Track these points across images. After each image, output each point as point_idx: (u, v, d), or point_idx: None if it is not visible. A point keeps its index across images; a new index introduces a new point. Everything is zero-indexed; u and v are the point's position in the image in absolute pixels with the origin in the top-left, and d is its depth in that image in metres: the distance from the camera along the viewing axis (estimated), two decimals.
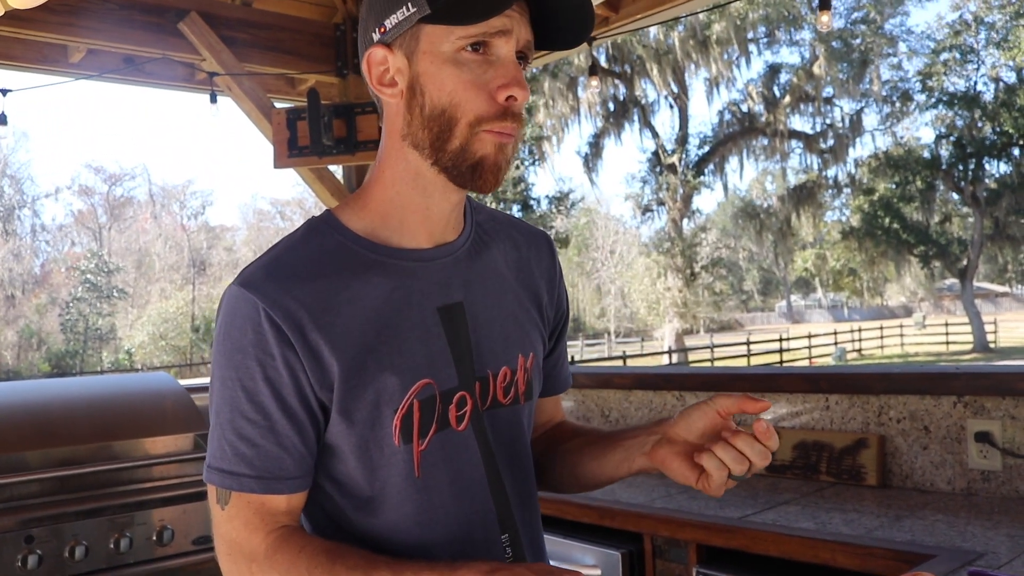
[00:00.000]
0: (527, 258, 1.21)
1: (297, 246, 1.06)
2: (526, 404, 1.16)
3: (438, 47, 0.98)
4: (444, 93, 0.99)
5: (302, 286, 1.01)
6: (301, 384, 1.00)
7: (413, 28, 0.99)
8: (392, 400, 1.02)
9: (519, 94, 0.99)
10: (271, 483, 1.00)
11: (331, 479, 1.06)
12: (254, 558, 1.00)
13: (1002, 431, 2.13)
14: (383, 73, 1.03)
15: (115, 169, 55.38)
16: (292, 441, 1.01)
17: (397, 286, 1.05)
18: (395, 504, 1.05)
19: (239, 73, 3.80)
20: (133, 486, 2.75)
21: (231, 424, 1.00)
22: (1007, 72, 26.46)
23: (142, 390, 3.12)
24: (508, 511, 1.12)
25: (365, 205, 1.09)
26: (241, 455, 1.00)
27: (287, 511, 1.02)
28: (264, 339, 0.99)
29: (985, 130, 26.30)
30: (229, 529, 1.01)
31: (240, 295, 1.00)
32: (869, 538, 1.82)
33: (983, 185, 26.51)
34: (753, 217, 29.44)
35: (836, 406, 2.45)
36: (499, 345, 1.12)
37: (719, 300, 34.33)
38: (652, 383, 2.92)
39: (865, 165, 27.73)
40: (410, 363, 1.03)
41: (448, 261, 1.10)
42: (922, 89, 27.63)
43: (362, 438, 1.02)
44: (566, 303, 1.29)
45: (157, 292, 41.41)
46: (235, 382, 1.00)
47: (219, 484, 1.01)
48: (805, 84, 26.07)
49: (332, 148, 3.71)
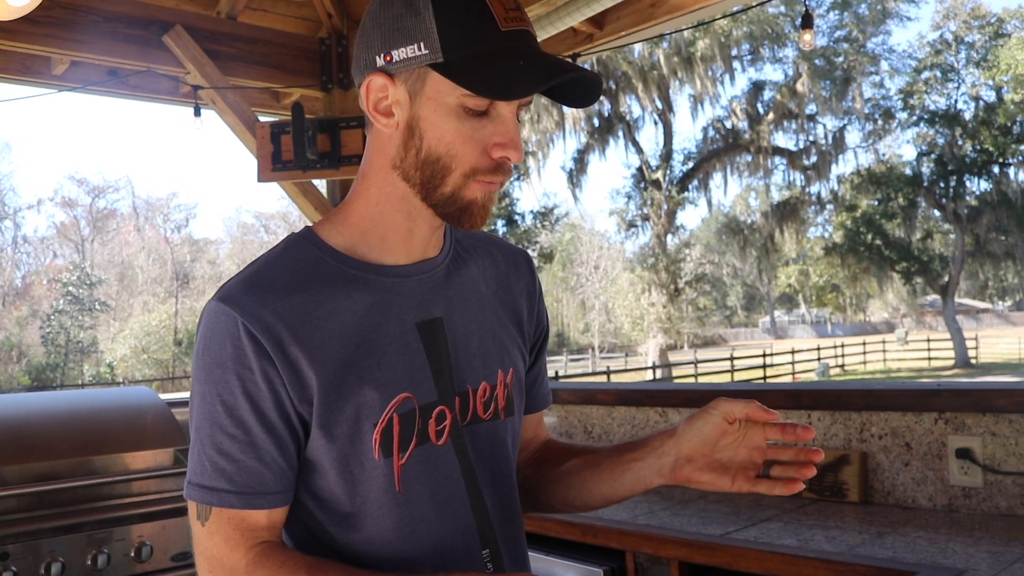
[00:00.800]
0: (506, 275, 1.22)
1: (276, 261, 1.06)
2: (507, 420, 1.16)
3: (442, 97, 0.98)
4: (442, 144, 1.00)
5: (281, 300, 1.01)
6: (281, 398, 1.00)
7: (420, 69, 0.99)
8: (372, 414, 1.02)
9: (514, 156, 1.01)
10: (251, 498, 1.00)
11: (312, 495, 1.06)
12: (235, 574, 1.00)
13: (983, 448, 2.14)
14: (380, 100, 1.02)
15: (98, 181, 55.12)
16: (272, 456, 1.01)
17: (376, 301, 1.06)
18: (376, 518, 1.04)
19: (223, 87, 3.79)
20: (112, 501, 2.72)
21: (211, 439, 1.00)
22: (987, 91, 26.80)
23: (122, 404, 3.09)
24: (489, 526, 1.12)
25: (345, 220, 1.09)
26: (221, 470, 1.00)
27: (268, 526, 1.02)
28: (243, 353, 0.99)
29: (966, 148, 26.60)
30: (210, 545, 1.01)
31: (219, 310, 1.01)
32: (851, 555, 1.82)
33: (964, 202, 26.78)
34: (737, 233, 29.60)
35: (818, 422, 2.46)
36: (478, 360, 1.13)
37: (703, 316, 34.41)
38: (635, 399, 2.92)
39: (848, 182, 27.95)
40: (389, 377, 1.04)
41: (427, 277, 1.10)
42: (904, 107, 27.94)
43: (342, 453, 1.02)
44: (546, 320, 1.30)
45: (140, 305, 41.13)
46: (214, 397, 1.00)
47: (199, 500, 1.01)
48: (788, 101, 26.30)
49: (316, 162, 3.70)
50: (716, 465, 1.09)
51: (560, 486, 1.25)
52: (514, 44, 0.97)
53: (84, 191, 47.46)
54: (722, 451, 1.10)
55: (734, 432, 1.08)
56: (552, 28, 3.61)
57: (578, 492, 1.22)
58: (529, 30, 1.00)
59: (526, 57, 0.97)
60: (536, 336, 1.27)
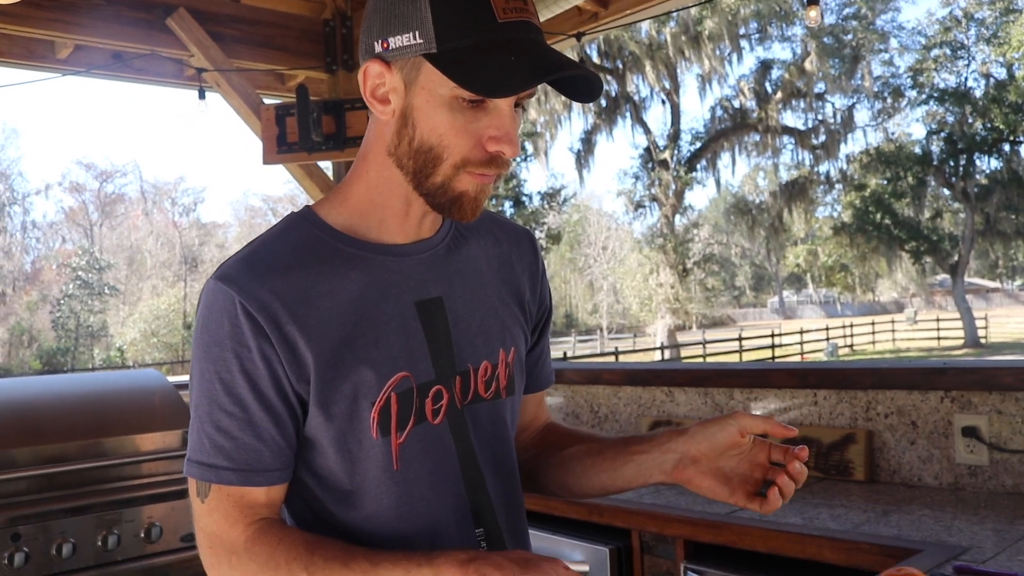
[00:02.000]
0: (508, 254, 1.21)
1: (275, 240, 1.07)
2: (508, 399, 1.16)
3: (436, 88, 0.97)
4: (435, 134, 0.99)
5: (278, 279, 1.02)
6: (278, 376, 1.00)
7: (415, 59, 0.97)
8: (369, 393, 1.03)
9: (508, 151, 0.99)
10: (249, 475, 1.01)
11: (311, 473, 1.06)
12: (233, 550, 1.00)
13: (989, 426, 2.13)
14: (377, 87, 1.02)
15: (106, 166, 55.11)
16: (270, 433, 1.01)
17: (374, 280, 1.06)
18: (374, 496, 1.05)
19: (228, 69, 3.78)
20: (121, 483, 2.74)
21: (209, 417, 1.01)
22: (997, 68, 26.55)
23: (131, 387, 3.11)
24: (485, 506, 1.12)
25: (345, 200, 1.09)
26: (219, 448, 1.00)
27: (266, 503, 1.03)
28: (240, 331, 0.99)
29: (976, 126, 26.38)
30: (209, 522, 1.02)
31: (217, 288, 1.01)
32: (856, 533, 1.83)
33: (974, 181, 26.60)
34: (745, 213, 29.48)
35: (824, 401, 2.46)
36: (479, 339, 1.12)
37: (711, 296, 34.34)
38: (642, 379, 2.92)
39: (857, 161, 27.78)
40: (387, 356, 1.04)
41: (426, 257, 1.10)
42: (913, 85, 27.72)
43: (340, 431, 1.03)
44: (549, 300, 1.29)
45: (149, 289, 41.27)
46: (213, 375, 1.00)
47: (198, 477, 1.02)
48: (797, 80, 26.11)
49: (321, 144, 3.69)
50: (718, 472, 1.10)
51: (561, 471, 1.24)
52: (510, 37, 0.94)
53: (92, 176, 47.52)
54: (726, 461, 1.10)
55: (743, 445, 1.09)
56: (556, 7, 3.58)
57: (577, 478, 1.22)
58: (531, 21, 0.97)
59: (520, 52, 0.94)
60: (539, 316, 1.26)
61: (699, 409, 2.75)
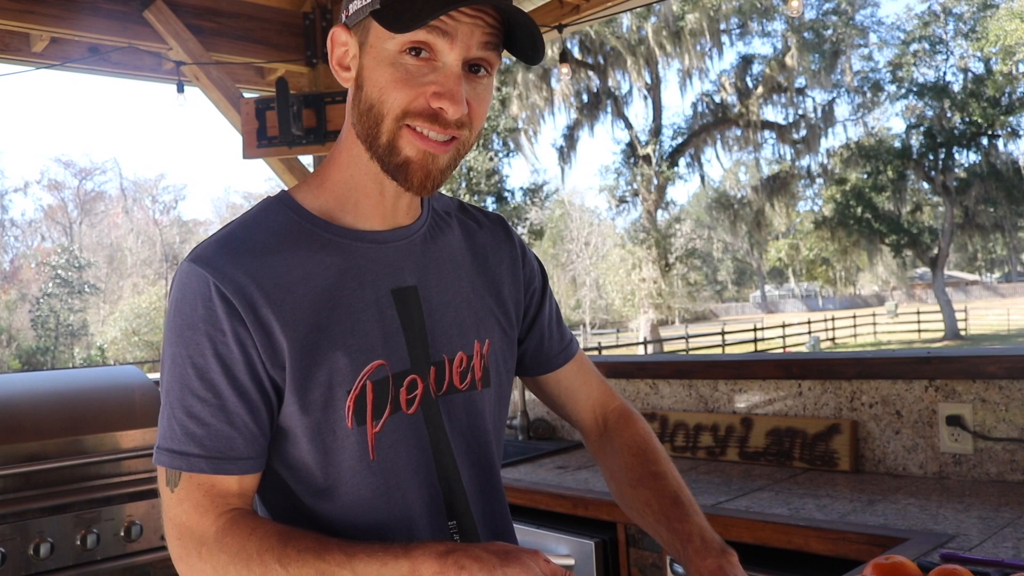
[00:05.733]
0: (483, 245, 1.20)
1: (250, 223, 1.05)
2: (484, 391, 1.15)
3: (382, 44, 0.96)
4: (376, 89, 0.97)
5: (254, 262, 1.00)
6: (252, 361, 0.98)
7: (366, 20, 0.97)
8: (345, 381, 1.01)
9: (449, 108, 0.96)
10: (221, 463, 0.98)
11: (285, 464, 1.05)
12: (203, 541, 0.97)
13: (973, 414, 2.14)
14: (343, 55, 1.02)
15: (85, 163, 54.44)
16: (243, 420, 0.99)
17: (350, 266, 1.04)
18: (351, 487, 1.04)
19: (207, 63, 3.74)
20: (100, 481, 2.71)
21: (180, 403, 0.98)
22: (975, 62, 26.74)
23: (110, 384, 3.07)
24: (459, 498, 1.10)
25: (321, 185, 1.09)
26: (191, 435, 0.98)
27: (238, 493, 1.00)
28: (214, 314, 0.97)
29: (954, 120, 26.57)
30: (179, 512, 0.99)
31: (191, 270, 0.99)
32: (842, 523, 1.83)
33: (953, 174, 26.80)
34: (727, 208, 29.55)
35: (809, 392, 2.46)
36: (454, 330, 1.12)
37: (694, 291, 34.39)
38: (626, 372, 2.91)
39: (837, 155, 27.90)
40: (363, 344, 1.03)
41: (403, 245, 1.09)
42: (892, 79, 27.86)
43: (315, 421, 1.01)
44: (538, 279, 1.28)
45: (129, 287, 40.95)
46: (185, 359, 0.98)
47: (168, 465, 0.99)
48: (777, 75, 26.19)
49: (302, 138, 3.66)
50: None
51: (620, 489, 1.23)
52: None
53: (71, 173, 47.07)
54: None
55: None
56: None
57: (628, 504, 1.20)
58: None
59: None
60: (528, 297, 1.25)
61: (683, 401, 2.75)
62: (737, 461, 2.55)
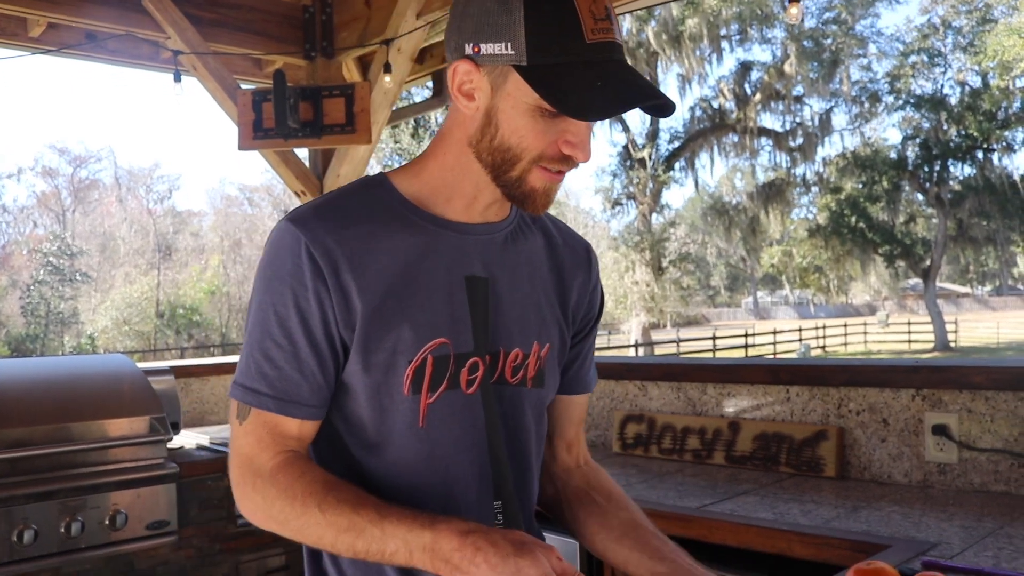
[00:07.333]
0: (561, 261, 1.27)
1: (348, 196, 1.15)
2: (533, 390, 1.21)
3: (521, 96, 1.03)
4: (515, 136, 1.05)
5: (344, 230, 1.09)
6: (328, 319, 1.08)
7: (504, 67, 1.03)
8: (408, 351, 1.09)
9: (580, 157, 1.06)
10: (286, 405, 1.08)
11: (343, 418, 1.13)
12: (259, 474, 1.07)
13: (959, 424, 2.15)
14: (464, 83, 1.07)
15: (80, 151, 54.06)
16: (311, 370, 1.08)
17: (431, 250, 1.13)
18: (397, 448, 1.11)
19: (204, 52, 3.74)
20: (86, 469, 2.70)
21: (259, 345, 1.09)
22: (973, 76, 26.86)
23: (99, 372, 3.06)
24: (504, 481, 1.17)
25: (419, 174, 1.16)
26: (264, 375, 1.08)
27: (297, 436, 1.10)
28: (301, 271, 1.07)
29: (950, 133, 26.67)
30: (243, 444, 1.10)
31: (287, 229, 1.09)
32: (825, 528, 1.83)
33: (947, 187, 26.90)
34: (722, 213, 29.61)
35: (797, 398, 2.46)
36: (516, 327, 1.18)
37: (686, 295, 34.46)
38: (615, 373, 2.92)
39: (833, 164, 27.99)
40: (430, 320, 1.11)
41: (484, 239, 1.17)
42: (890, 90, 27.95)
43: (375, 382, 1.09)
44: (599, 308, 1.34)
45: (121, 276, 40.76)
46: (269, 307, 1.08)
47: (240, 399, 1.10)
48: (776, 82, 26.26)
49: (298, 131, 3.66)
50: None
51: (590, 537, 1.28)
52: (597, 58, 1.00)
53: (65, 161, 46.83)
54: None
55: None
56: None
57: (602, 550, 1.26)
58: (615, 41, 1.03)
59: (606, 76, 1.00)
60: (584, 321, 1.31)
61: (672, 403, 2.75)
62: (724, 465, 2.56)
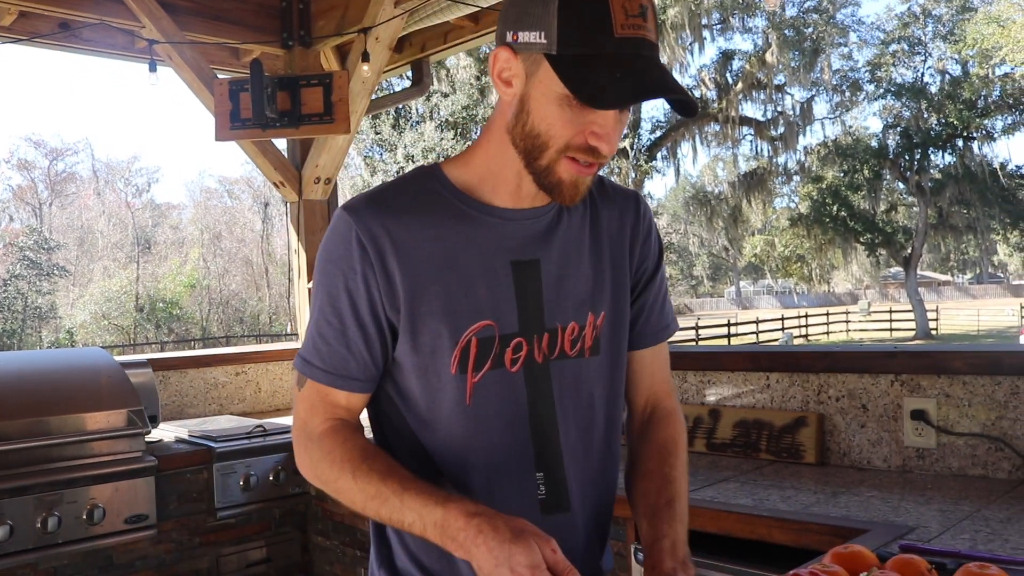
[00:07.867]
0: (610, 219, 1.29)
1: (400, 185, 1.21)
2: (593, 358, 1.25)
3: (551, 84, 1.07)
4: (544, 123, 1.09)
5: (393, 218, 1.16)
6: (374, 300, 1.16)
7: (537, 55, 1.07)
8: (454, 332, 1.16)
9: (605, 148, 1.09)
10: (334, 378, 1.18)
11: (399, 393, 1.21)
12: (310, 436, 1.19)
13: (937, 409, 2.16)
14: (503, 70, 1.12)
15: (56, 143, 53.32)
16: (359, 347, 1.17)
17: (478, 236, 1.18)
18: (447, 424, 1.18)
19: (180, 42, 3.69)
20: (63, 463, 2.67)
21: (316, 322, 1.19)
22: (953, 65, 27.02)
23: (76, 365, 3.03)
24: (551, 452, 1.21)
25: (467, 164, 1.22)
26: (317, 349, 1.19)
27: (345, 407, 1.20)
28: (351, 255, 1.15)
29: (931, 121, 26.83)
30: (300, 408, 1.22)
31: (342, 216, 1.17)
32: (805, 514, 1.84)
33: (928, 175, 27.06)
34: (704, 203, 29.69)
35: (776, 384, 2.47)
36: (569, 302, 1.23)
37: (669, 285, 34.58)
38: None
39: (814, 153, 28.10)
40: (475, 304, 1.17)
41: (530, 223, 1.21)
42: (871, 79, 28.09)
43: (423, 361, 1.17)
44: (653, 259, 1.35)
45: (100, 270, 40.41)
46: (323, 287, 1.18)
47: (299, 369, 1.21)
48: (757, 71, 26.30)
49: (276, 121, 3.62)
50: None
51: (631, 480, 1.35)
52: (623, 52, 1.03)
53: (42, 153, 46.26)
54: None
55: None
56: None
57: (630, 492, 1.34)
58: (646, 38, 1.05)
59: (627, 69, 1.03)
60: (637, 276, 1.33)
61: None
62: (704, 452, 2.56)
